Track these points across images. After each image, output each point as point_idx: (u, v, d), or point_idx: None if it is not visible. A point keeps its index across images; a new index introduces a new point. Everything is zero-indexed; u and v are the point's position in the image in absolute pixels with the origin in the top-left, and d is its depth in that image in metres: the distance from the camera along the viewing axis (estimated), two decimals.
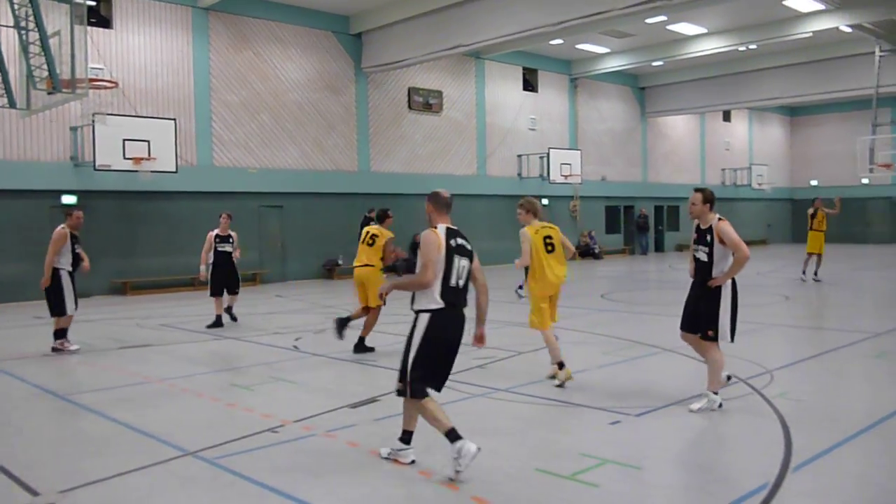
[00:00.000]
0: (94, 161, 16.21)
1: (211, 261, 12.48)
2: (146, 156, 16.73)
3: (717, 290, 6.68)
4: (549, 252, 7.79)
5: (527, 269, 7.89)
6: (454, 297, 5.26)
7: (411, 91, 23.82)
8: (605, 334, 11.01)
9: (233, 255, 12.57)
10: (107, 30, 17.78)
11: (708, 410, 6.62)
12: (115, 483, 5.11)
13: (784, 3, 21.08)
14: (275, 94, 20.74)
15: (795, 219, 41.39)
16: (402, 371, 5.25)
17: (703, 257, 6.75)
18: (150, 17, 18.45)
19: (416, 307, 5.28)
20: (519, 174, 27.08)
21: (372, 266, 9.79)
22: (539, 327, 7.94)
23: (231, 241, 12.60)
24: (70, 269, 10.04)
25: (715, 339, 6.68)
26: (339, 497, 4.83)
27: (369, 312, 9.83)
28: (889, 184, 35.98)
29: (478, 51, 24.38)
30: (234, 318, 12.75)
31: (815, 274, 18.34)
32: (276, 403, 7.23)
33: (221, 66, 19.68)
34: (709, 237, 6.72)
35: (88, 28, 13.06)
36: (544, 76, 28.37)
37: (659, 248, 33.85)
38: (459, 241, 5.33)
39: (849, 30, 23.52)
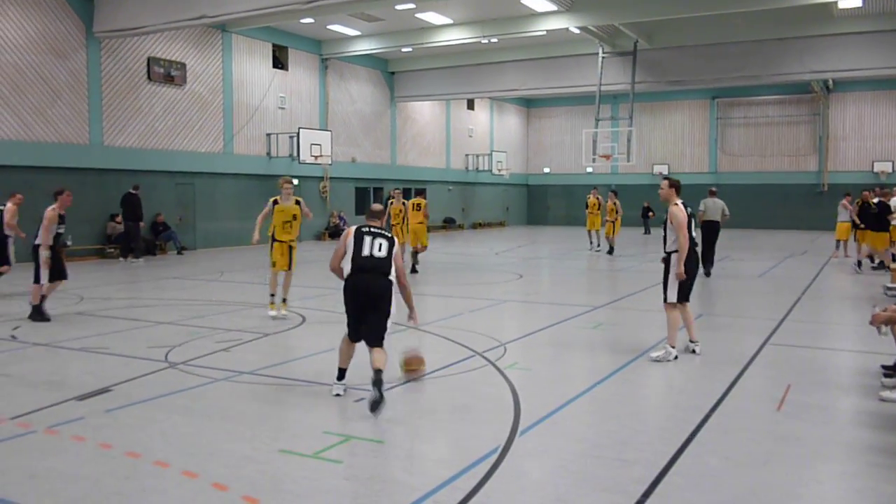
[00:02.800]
0: None
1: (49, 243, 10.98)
2: None
3: (667, 266, 8.18)
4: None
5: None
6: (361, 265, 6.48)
7: (151, 61, 22.31)
8: None
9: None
10: None
11: (665, 361, 8.01)
12: None
13: (522, 1, 22.51)
14: None
15: (530, 202, 44.68)
16: None
17: (663, 233, 8.20)
18: None
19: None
20: (268, 153, 26.48)
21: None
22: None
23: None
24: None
25: (667, 302, 8.28)
26: (58, 497, 4.46)
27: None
28: (609, 173, 39.95)
29: (224, 23, 23.39)
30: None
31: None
32: None
33: None
34: (665, 217, 8.10)
35: None
36: (295, 54, 27.93)
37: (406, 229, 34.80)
38: (377, 239, 6.58)
39: (577, 31, 25.69)
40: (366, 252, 6.44)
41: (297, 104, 28.00)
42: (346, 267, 6.49)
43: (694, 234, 8.28)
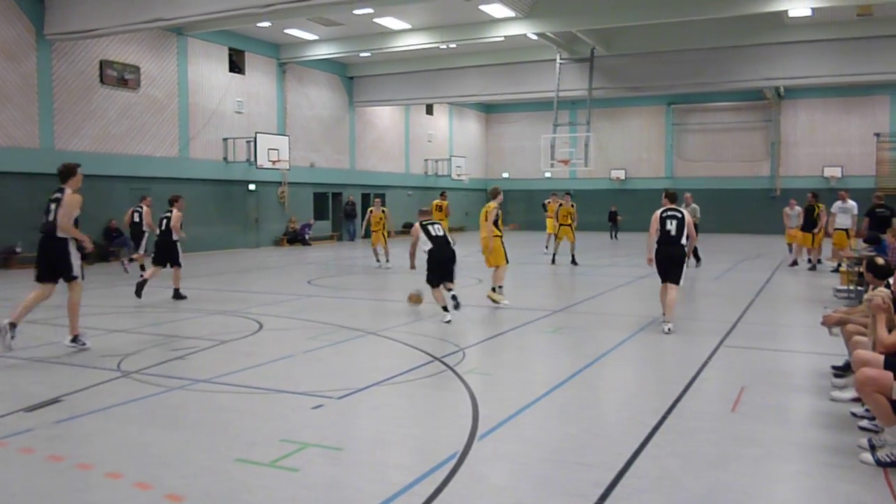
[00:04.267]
0: None
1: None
2: None
3: None
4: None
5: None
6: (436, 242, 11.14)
7: (104, 64, 21.92)
8: (310, 320, 11.05)
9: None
10: None
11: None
12: None
13: (480, 7, 22.61)
14: None
15: None
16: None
17: None
18: None
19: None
20: (225, 158, 26.17)
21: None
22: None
23: None
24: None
25: None
26: None
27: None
28: (567, 178, 40.29)
29: (180, 27, 23.10)
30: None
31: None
32: None
33: None
34: None
35: None
36: (252, 58, 27.67)
37: (367, 234, 34.60)
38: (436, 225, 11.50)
39: (535, 38, 25.89)
40: (433, 233, 11.23)
41: (254, 108, 27.74)
42: (425, 245, 11.10)
43: (669, 227, 10.08)
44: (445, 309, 10.86)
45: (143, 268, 16.90)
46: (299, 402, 6.59)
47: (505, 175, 44.38)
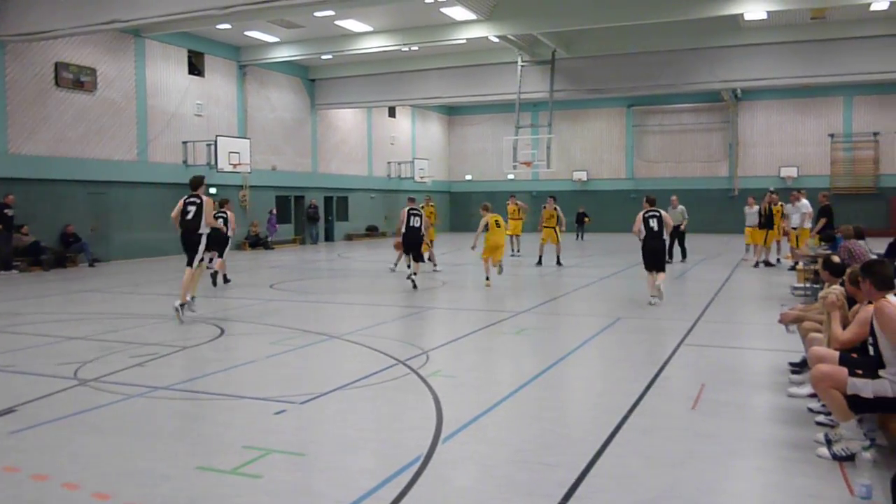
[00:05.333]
0: None
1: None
2: None
3: None
4: (496, 227, 15.28)
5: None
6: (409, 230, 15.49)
7: (59, 66, 21.47)
8: (273, 324, 10.95)
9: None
10: None
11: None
12: None
13: (442, 10, 22.64)
14: None
15: (453, 209, 44.87)
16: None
17: None
18: None
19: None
20: (185, 161, 25.84)
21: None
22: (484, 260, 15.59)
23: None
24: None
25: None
26: None
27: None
28: (530, 179, 40.51)
29: (138, 28, 22.74)
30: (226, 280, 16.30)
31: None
32: None
33: None
34: None
35: None
36: (212, 61, 27.36)
37: (329, 237, 34.54)
38: (413, 210, 15.76)
39: (496, 40, 25.98)
40: (411, 224, 15.37)
41: (214, 111, 27.42)
42: (403, 227, 15.41)
43: (651, 224, 12.42)
44: (409, 266, 15.41)
45: (210, 261, 17.47)
46: (262, 407, 6.52)
47: (468, 177, 44.48)
